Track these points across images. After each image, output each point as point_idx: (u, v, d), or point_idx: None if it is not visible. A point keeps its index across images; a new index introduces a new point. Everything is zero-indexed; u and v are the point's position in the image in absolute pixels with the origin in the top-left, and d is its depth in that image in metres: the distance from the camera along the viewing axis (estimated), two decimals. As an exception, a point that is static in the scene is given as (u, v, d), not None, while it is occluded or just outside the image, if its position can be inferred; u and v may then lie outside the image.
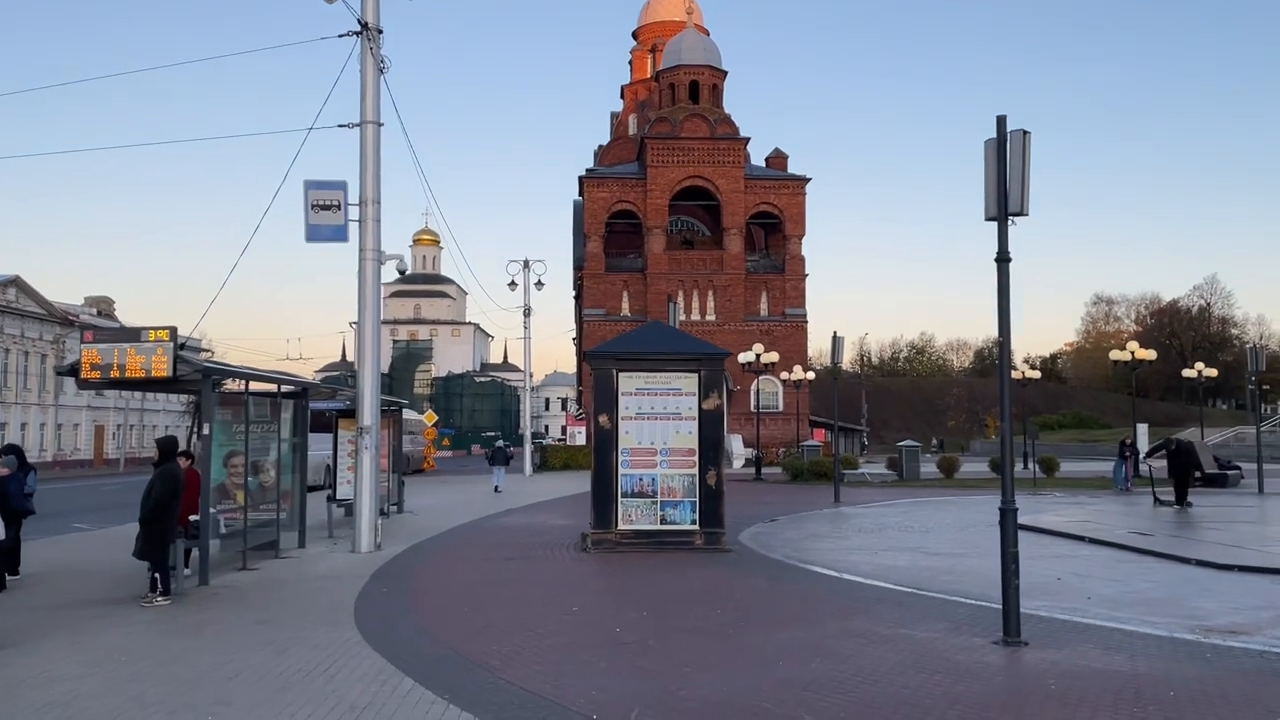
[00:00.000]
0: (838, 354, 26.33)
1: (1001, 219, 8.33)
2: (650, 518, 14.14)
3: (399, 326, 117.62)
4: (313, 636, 8.85)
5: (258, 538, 14.33)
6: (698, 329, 49.47)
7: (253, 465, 14.41)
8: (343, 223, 15.52)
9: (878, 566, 12.99)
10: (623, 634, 8.71)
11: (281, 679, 7.36)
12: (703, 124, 54.22)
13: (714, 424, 14.24)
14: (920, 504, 24.38)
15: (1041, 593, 10.49)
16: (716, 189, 53.96)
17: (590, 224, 54.35)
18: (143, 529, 10.86)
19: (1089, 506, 22.89)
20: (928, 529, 18.14)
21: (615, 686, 6.97)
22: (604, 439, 14.15)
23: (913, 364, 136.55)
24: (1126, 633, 8.55)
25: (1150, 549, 14.02)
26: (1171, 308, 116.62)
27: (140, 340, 11.90)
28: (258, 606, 10.50)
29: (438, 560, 14.09)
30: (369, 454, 15.47)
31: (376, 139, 15.76)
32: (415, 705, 6.60)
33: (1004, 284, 8.35)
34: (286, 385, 15.77)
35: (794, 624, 9.09)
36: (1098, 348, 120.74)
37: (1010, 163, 8.24)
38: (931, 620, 9.20)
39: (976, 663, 7.53)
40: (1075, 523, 18.01)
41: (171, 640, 8.84)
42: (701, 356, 14.44)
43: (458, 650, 8.15)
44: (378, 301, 15.77)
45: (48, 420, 68.12)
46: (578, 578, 12.22)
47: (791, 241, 55.10)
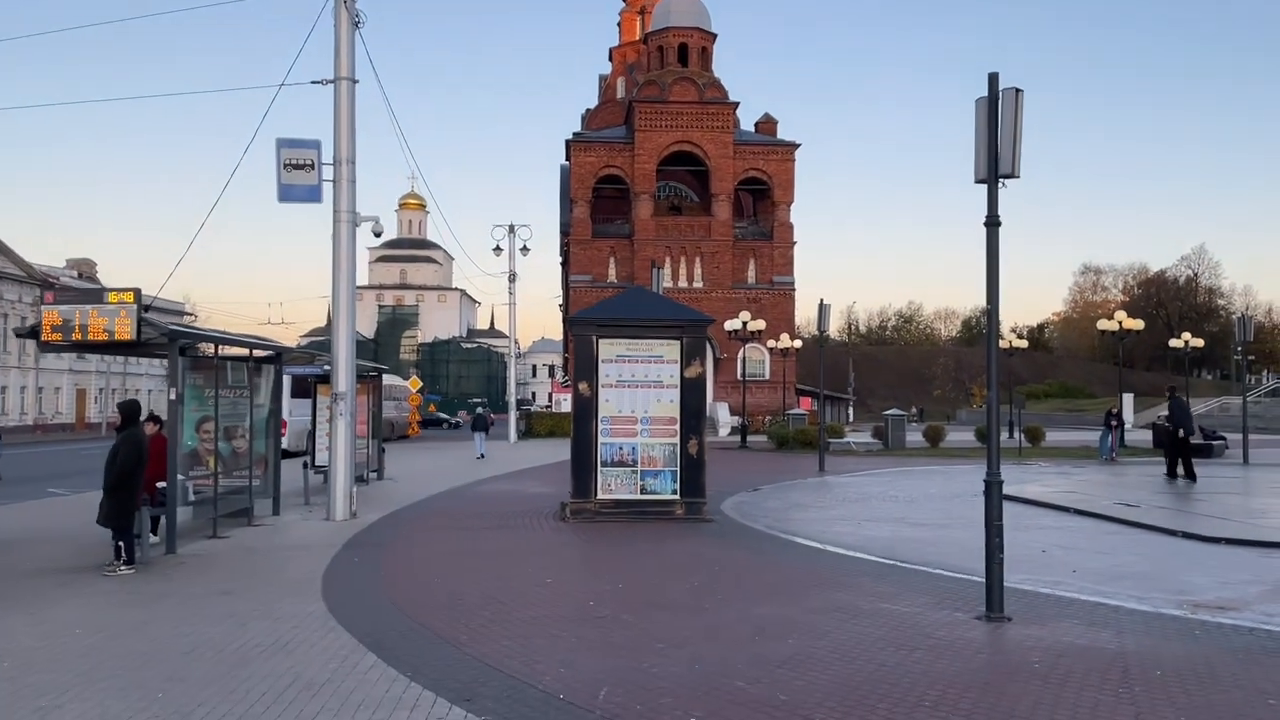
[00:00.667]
0: (824, 322, 26.04)
1: (992, 181, 8.01)
2: (630, 487, 13.89)
3: (385, 292, 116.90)
4: (277, 608, 8.58)
5: (230, 505, 14.04)
6: (685, 296, 49.11)
7: (225, 431, 14.11)
8: (316, 183, 15.09)
9: (860, 538, 12.78)
10: (596, 607, 8.46)
11: (239, 654, 7.09)
12: (691, 88, 53.51)
13: (696, 392, 13.96)
14: (905, 473, 24.24)
15: (1026, 565, 10.28)
16: (705, 154, 53.37)
17: (577, 189, 53.75)
18: (107, 496, 10.55)
19: (1074, 476, 22.77)
20: (912, 499, 17.96)
21: (585, 663, 6.71)
22: (583, 407, 13.85)
23: (900, 333, 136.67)
24: (1112, 608, 8.34)
25: (1137, 521, 13.85)
26: (1159, 278, 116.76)
27: (103, 302, 11.52)
28: (223, 576, 10.22)
29: (413, 529, 13.82)
30: (344, 420, 15.15)
31: (351, 96, 15.29)
32: (375, 683, 6.33)
33: (993, 248, 8.04)
34: (259, 350, 15.41)
35: (773, 597, 8.86)
36: (1085, 317, 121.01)
37: (1002, 122, 7.90)
38: (913, 594, 8.98)
39: (958, 639, 7.31)
40: (1060, 493, 17.86)
41: (131, 611, 8.55)
42: (684, 323, 14.13)
43: (425, 624, 7.88)
44: (353, 265, 15.38)
45: (28, 383, 67.48)
46: (554, 548, 11.97)
47: (780, 208, 54.66)
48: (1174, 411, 21.79)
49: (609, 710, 5.72)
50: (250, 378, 14.71)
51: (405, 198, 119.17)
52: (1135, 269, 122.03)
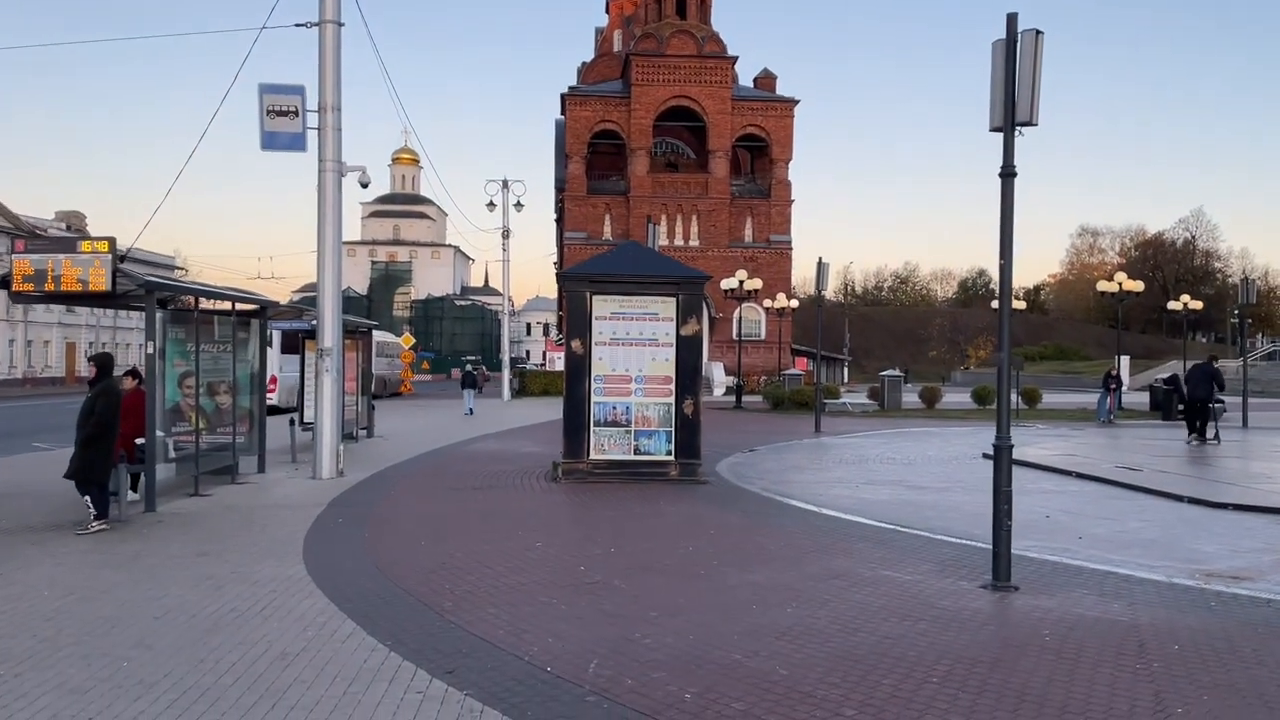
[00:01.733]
0: (823, 281, 25.62)
1: (1008, 129, 7.57)
2: (624, 447, 13.55)
3: (378, 247, 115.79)
4: (255, 571, 8.25)
5: (213, 462, 13.71)
6: (680, 254, 48.58)
7: (209, 387, 13.74)
8: (300, 130, 14.57)
9: (859, 501, 12.48)
10: (587, 573, 8.14)
11: (212, 619, 6.76)
12: (690, 41, 52.56)
13: (692, 351, 13.58)
14: (902, 434, 23.97)
15: (1031, 531, 10.00)
16: (702, 109, 52.55)
17: (572, 144, 52.95)
18: (80, 450, 10.18)
19: (1073, 439, 22.51)
20: (910, 461, 17.68)
21: (574, 633, 6.39)
22: (576, 365, 13.46)
23: (896, 293, 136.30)
24: (1123, 577, 8.04)
25: (1141, 485, 13.56)
26: (1156, 240, 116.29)
27: (76, 251, 11.06)
28: (202, 536, 9.88)
29: (400, 489, 13.49)
30: (330, 377, 14.76)
31: (337, 40, 14.72)
32: (353, 653, 6.01)
33: (1008, 201, 7.62)
34: (243, 303, 14.97)
35: (770, 563, 8.54)
36: (1081, 279, 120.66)
37: (1020, 67, 7.45)
38: (915, 560, 8.68)
39: (964, 609, 7.00)
40: (1061, 456, 17.58)
41: (102, 574, 8.21)
42: (680, 280, 13.70)
43: (408, 590, 7.56)
44: (338, 216, 14.90)
45: (17, 336, 66.89)
46: (545, 510, 11.64)
47: (778, 166, 53.96)
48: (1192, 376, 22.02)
49: (599, 684, 5.40)
50: (234, 332, 14.31)
51: (398, 152, 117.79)
52: (1133, 231, 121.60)
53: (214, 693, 5.32)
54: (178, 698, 5.23)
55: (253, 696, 5.27)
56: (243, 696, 5.26)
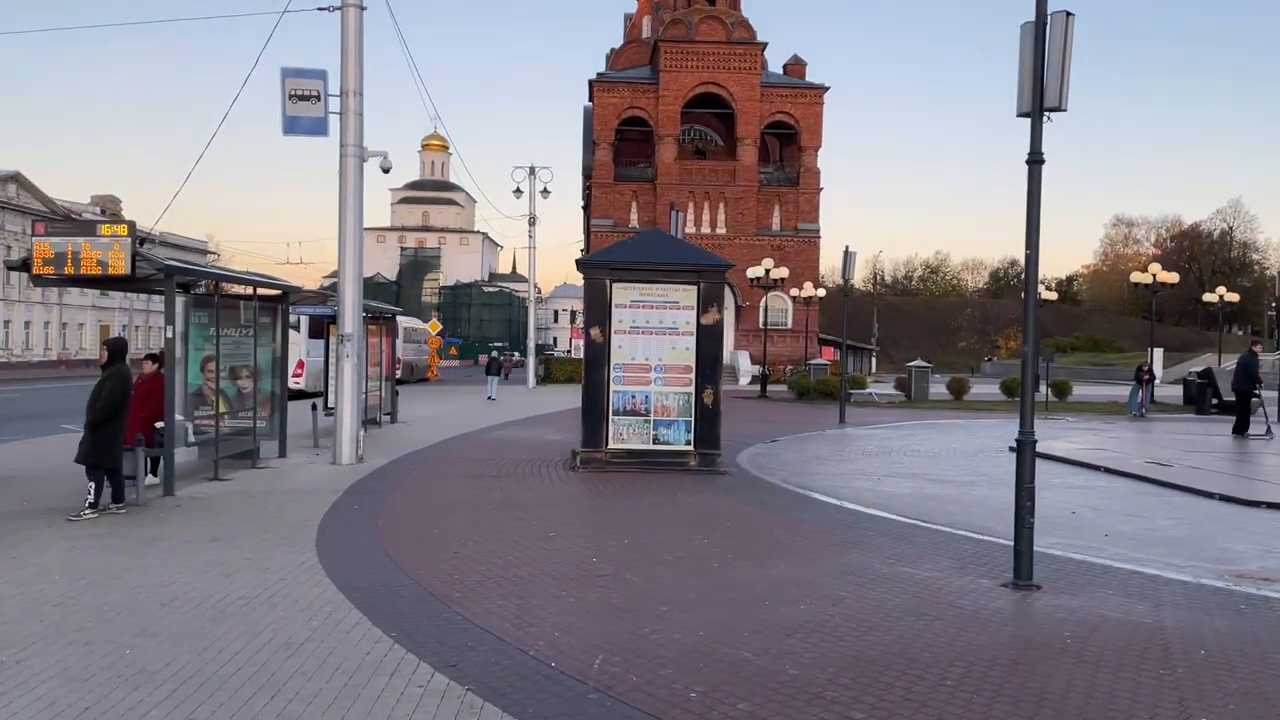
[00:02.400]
0: (849, 270, 25.31)
1: (1036, 115, 7.33)
2: (643, 437, 13.43)
3: (407, 233, 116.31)
4: (267, 558, 8.21)
5: (235, 446, 13.73)
6: (707, 241, 48.33)
7: (231, 371, 13.76)
8: (322, 115, 14.53)
9: (880, 494, 12.28)
10: (599, 565, 8.03)
11: (219, 607, 6.71)
12: (719, 27, 52.11)
13: (713, 340, 13.42)
14: (928, 426, 23.68)
15: (1055, 528, 9.78)
16: (731, 96, 52.12)
17: (600, 131, 52.72)
18: (89, 433, 10.17)
19: (1104, 433, 22.12)
20: (935, 454, 17.43)
21: (582, 627, 6.28)
22: (595, 353, 13.34)
23: (926, 283, 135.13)
24: (1149, 577, 7.82)
25: (1171, 481, 13.25)
26: (1193, 231, 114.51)
27: (96, 234, 11.06)
28: (217, 521, 9.87)
29: (419, 475, 13.45)
30: (350, 362, 14.74)
31: (359, 24, 14.65)
32: (357, 644, 5.93)
33: (1035, 188, 7.39)
34: (265, 288, 14.97)
35: (786, 557, 8.39)
36: (1115, 270, 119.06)
37: (1049, 49, 7.21)
38: (935, 557, 8.49)
39: (983, 609, 6.82)
40: (1090, 450, 17.25)
41: (115, 559, 8.20)
42: (701, 267, 13.52)
43: (418, 579, 7.48)
44: (360, 201, 14.84)
45: (52, 319, 67.87)
46: (561, 499, 11.54)
47: (807, 153, 53.43)
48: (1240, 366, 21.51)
49: (602, 681, 5.28)
50: (256, 317, 14.30)
51: (428, 139, 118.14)
52: (1169, 221, 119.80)
53: (214, 683, 5.26)
54: (176, 688, 5.17)
55: (252, 688, 5.20)
56: (242, 687, 5.20)
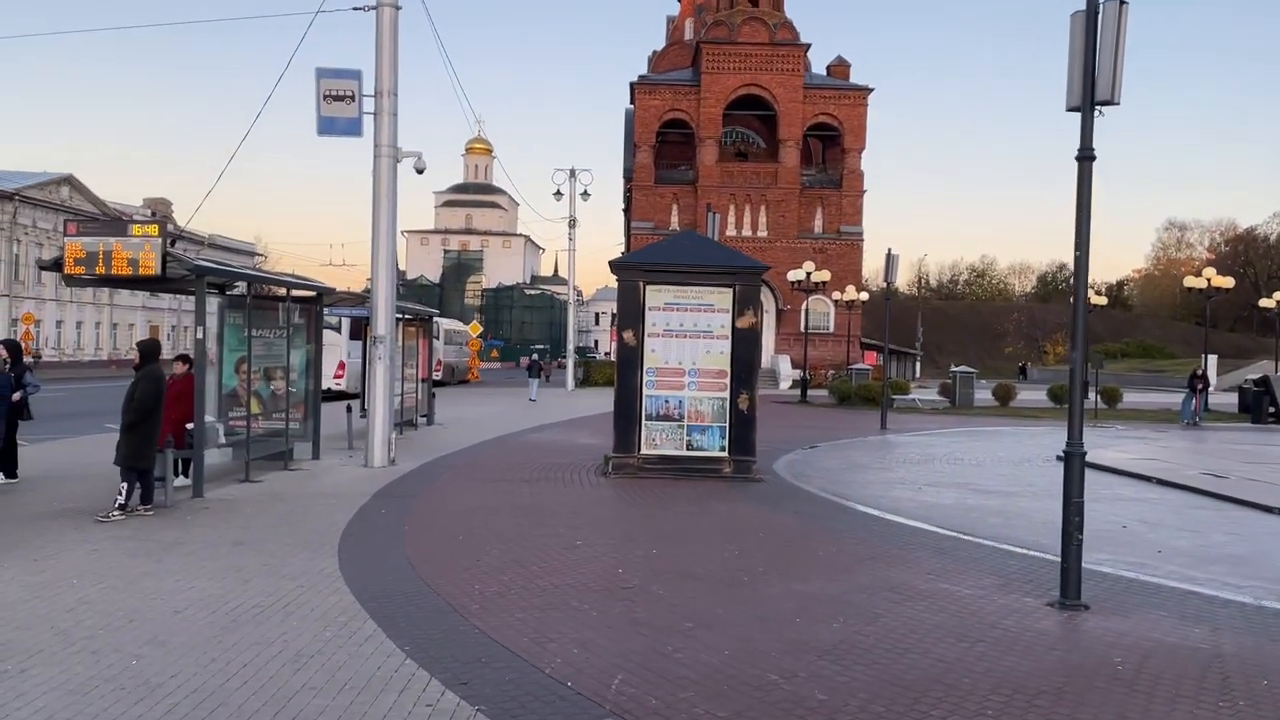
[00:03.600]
0: (891, 273, 24.83)
1: (1087, 109, 6.95)
2: (676, 443, 13.14)
3: (450, 236, 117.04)
4: (287, 564, 8.05)
5: (268, 448, 13.67)
6: (749, 245, 47.91)
7: (265, 372, 13.71)
8: (357, 115, 14.44)
9: (921, 504, 11.88)
10: (625, 576, 7.76)
11: (232, 615, 6.55)
12: (761, 28, 51.65)
13: (748, 344, 13.10)
14: (972, 434, 23.12)
15: (1104, 543, 9.34)
16: (774, 98, 51.62)
17: (641, 133, 52.47)
18: (124, 436, 10.13)
19: (1155, 442, 21.44)
20: (979, 462, 16.94)
21: (602, 643, 6.02)
22: (628, 357, 13.08)
23: (972, 287, 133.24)
24: (1205, 598, 7.38)
25: (1227, 494, 12.70)
26: (1248, 235, 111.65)
27: (127, 234, 11.03)
28: (242, 525, 9.75)
29: (449, 479, 13.27)
30: (383, 364, 14.62)
31: (394, 23, 14.54)
32: (369, 657, 5.72)
33: (1085, 186, 7.01)
34: (299, 289, 14.92)
35: (820, 571, 8.06)
36: (1167, 275, 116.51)
37: (1101, 40, 6.83)
38: (977, 573, 8.11)
39: (1028, 630, 6.45)
40: (1140, 460, 16.67)
41: (135, 562, 8.09)
42: (737, 269, 13.21)
43: (437, 588, 7.26)
44: (393, 202, 14.72)
45: (103, 319, 69.07)
46: (590, 506, 11.28)
47: (850, 155, 52.75)
48: None
49: (620, 704, 5.02)
50: (290, 318, 14.24)
51: (471, 142, 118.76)
52: (1223, 225, 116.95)
53: (218, 697, 5.07)
54: (179, 702, 4.99)
55: (257, 702, 5.01)
56: (246, 702, 5.01)
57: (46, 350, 59.66)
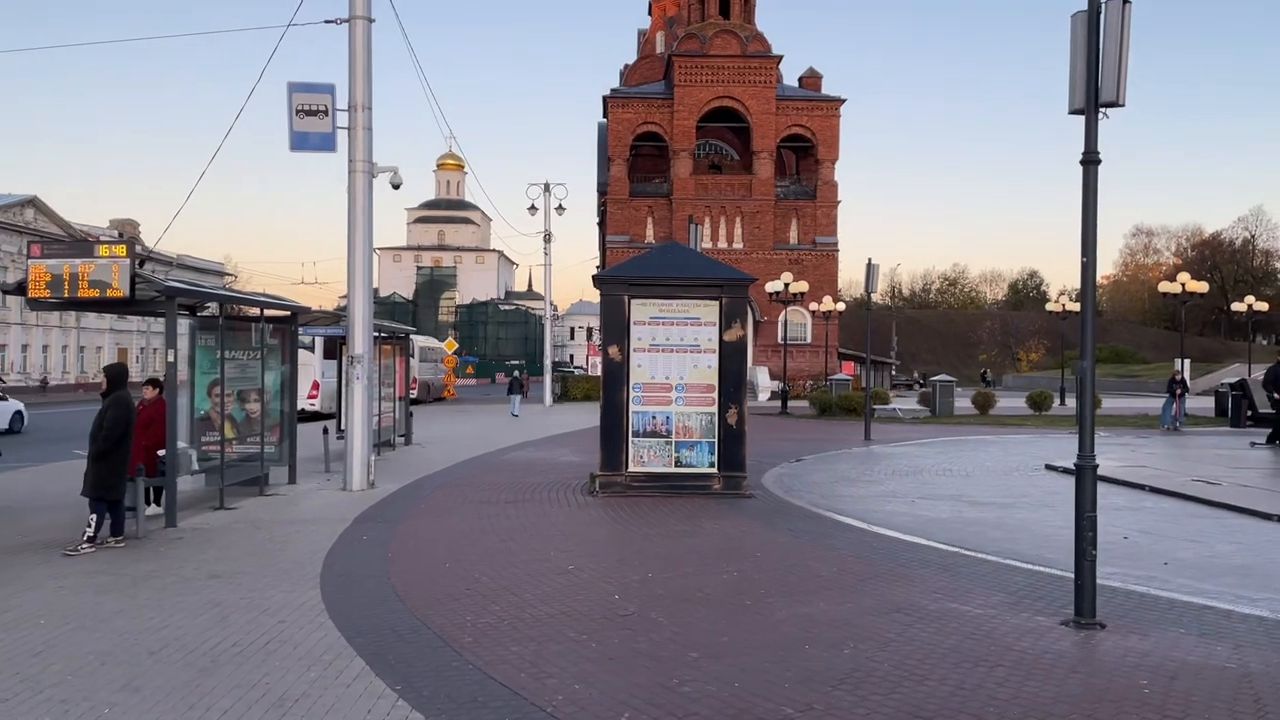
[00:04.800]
0: (871, 283, 24.67)
1: (1091, 111, 6.76)
2: (664, 459, 12.84)
3: (423, 253, 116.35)
4: (266, 597, 7.68)
5: (242, 473, 13.24)
6: (725, 256, 47.80)
7: (239, 395, 13.30)
8: (330, 130, 14.08)
9: (916, 519, 11.65)
10: (622, 603, 7.45)
11: (211, 655, 6.18)
12: (733, 41, 51.75)
13: (736, 357, 12.84)
14: (957, 443, 22.97)
15: (1109, 556, 9.10)
16: (746, 110, 51.69)
17: (614, 147, 52.38)
18: (93, 465, 9.72)
19: (1140, 449, 21.38)
20: (968, 473, 16.76)
21: (605, 678, 5.70)
22: (613, 372, 12.79)
23: (945, 296, 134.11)
24: (1222, 613, 7.17)
25: (1222, 501, 12.56)
26: (1214, 240, 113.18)
27: (93, 255, 10.63)
28: (218, 555, 9.35)
29: (431, 502, 12.90)
30: (360, 384, 14.24)
31: (367, 37, 14.22)
32: (357, 700, 5.37)
33: (1091, 190, 6.81)
34: (273, 309, 14.53)
35: (823, 593, 7.79)
36: (1135, 280, 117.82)
37: (1105, 40, 6.64)
38: (984, 590, 7.87)
39: (1046, 652, 6.20)
40: (1130, 468, 16.55)
41: (106, 598, 7.69)
42: (723, 282, 12.96)
43: (427, 621, 6.92)
44: (369, 218, 14.37)
45: (70, 342, 67.90)
46: (580, 527, 10.95)
47: (824, 166, 52.91)
48: (1277, 378, 21.83)
49: (630, 746, 4.71)
50: (264, 338, 13.84)
51: (443, 158, 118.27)
52: (1189, 231, 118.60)
53: (197, 749, 4.72)
54: (154, 756, 4.63)
55: (239, 754, 4.66)
56: (228, 755, 4.66)
57: (12, 376, 58.51)
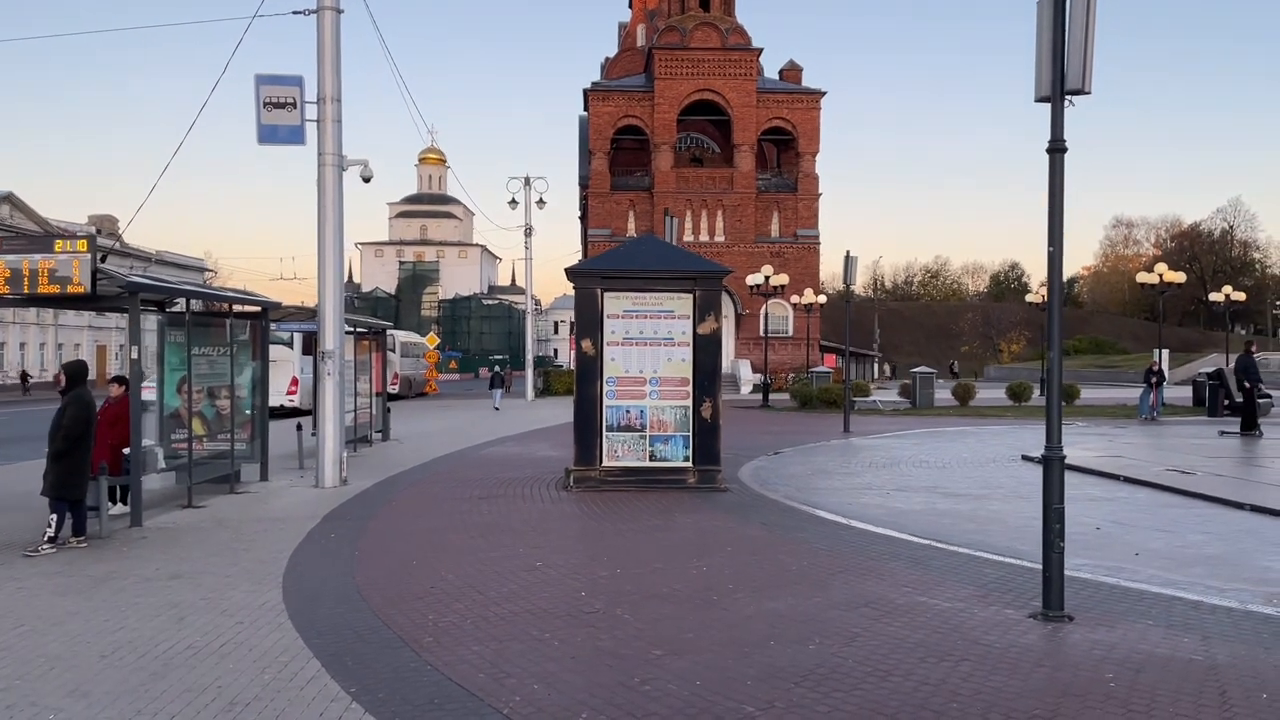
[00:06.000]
0: (850, 275, 24.66)
1: (1057, 98, 6.69)
2: (638, 454, 12.75)
3: (405, 248, 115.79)
4: (226, 597, 7.54)
5: (211, 471, 13.08)
6: (706, 249, 47.70)
7: (209, 392, 13.14)
8: (299, 123, 13.93)
9: (890, 511, 11.60)
10: (588, 599, 7.35)
11: (164, 658, 6.04)
12: (714, 33, 51.55)
13: (710, 350, 12.76)
14: (935, 434, 22.98)
15: (1080, 546, 9.10)
16: (727, 103, 51.52)
17: (595, 140, 52.12)
18: (51, 465, 9.55)
19: (1117, 439, 21.43)
20: (944, 464, 16.75)
21: (565, 677, 5.61)
22: (587, 366, 12.68)
23: (926, 288, 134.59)
24: (1190, 603, 7.13)
25: (1196, 490, 12.57)
26: (1193, 231, 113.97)
27: (51, 251, 10.43)
28: (181, 555, 9.21)
29: (404, 499, 12.77)
30: (332, 380, 14.09)
31: (336, 28, 14.05)
32: (310, 703, 5.26)
33: (1057, 179, 6.74)
34: (243, 305, 14.35)
35: (792, 587, 7.71)
36: (1115, 271, 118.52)
37: (1070, 25, 6.57)
38: (954, 583, 7.81)
39: (1012, 645, 6.14)
40: (1106, 458, 16.58)
41: (62, 600, 7.54)
42: (696, 275, 12.86)
43: (388, 620, 6.80)
44: (339, 211, 14.20)
45: (48, 340, 67.27)
46: (551, 523, 10.84)
47: (805, 159, 52.78)
48: (1247, 367, 22.30)
49: (585, 747, 4.61)
50: (233, 335, 13.67)
51: (425, 152, 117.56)
52: (1168, 222, 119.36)
53: (140, 756, 4.60)
54: (96, 764, 4.51)
55: (184, 760, 4.54)
56: (172, 761, 4.53)
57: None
